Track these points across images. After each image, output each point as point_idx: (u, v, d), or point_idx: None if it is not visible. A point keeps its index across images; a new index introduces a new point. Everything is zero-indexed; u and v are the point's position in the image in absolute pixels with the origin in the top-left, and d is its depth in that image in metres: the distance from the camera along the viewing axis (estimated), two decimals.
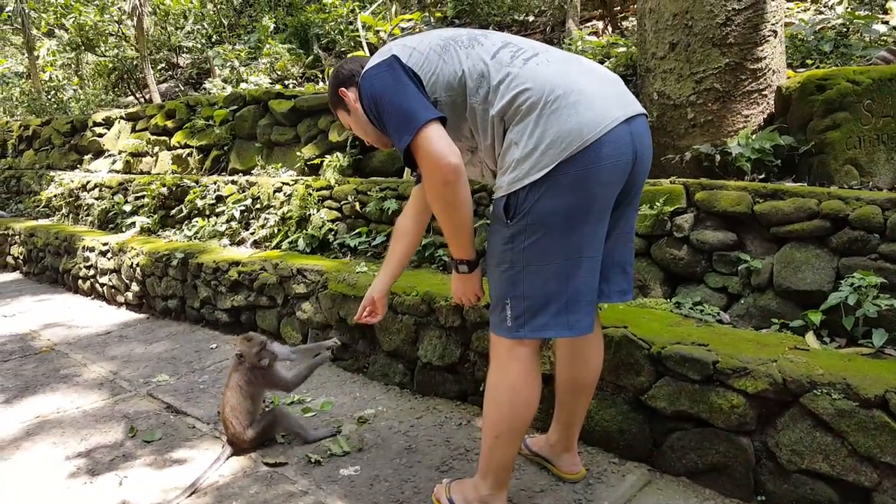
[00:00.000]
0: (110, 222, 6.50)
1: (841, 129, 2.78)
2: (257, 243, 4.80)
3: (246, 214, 5.05)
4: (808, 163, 2.87)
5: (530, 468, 2.34)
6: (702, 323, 2.49)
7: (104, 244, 5.52)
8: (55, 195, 7.55)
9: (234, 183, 5.28)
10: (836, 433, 1.91)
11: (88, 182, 7.12)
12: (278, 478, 2.40)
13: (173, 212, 5.72)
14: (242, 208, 5.03)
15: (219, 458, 2.51)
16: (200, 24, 10.51)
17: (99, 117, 7.82)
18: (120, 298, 5.34)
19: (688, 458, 2.21)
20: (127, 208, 6.18)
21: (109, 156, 7.44)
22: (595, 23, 6.63)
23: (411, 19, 6.80)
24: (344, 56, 7.20)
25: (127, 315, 5.11)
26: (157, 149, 6.75)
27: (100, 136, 7.76)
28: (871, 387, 1.85)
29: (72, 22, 10.12)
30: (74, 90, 11.64)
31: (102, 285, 5.55)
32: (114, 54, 10.60)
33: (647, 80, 3.34)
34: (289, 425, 2.67)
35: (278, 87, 6.51)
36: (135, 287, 5.10)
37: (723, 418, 2.10)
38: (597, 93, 1.67)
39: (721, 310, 2.64)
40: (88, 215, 6.86)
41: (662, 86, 3.23)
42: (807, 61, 3.59)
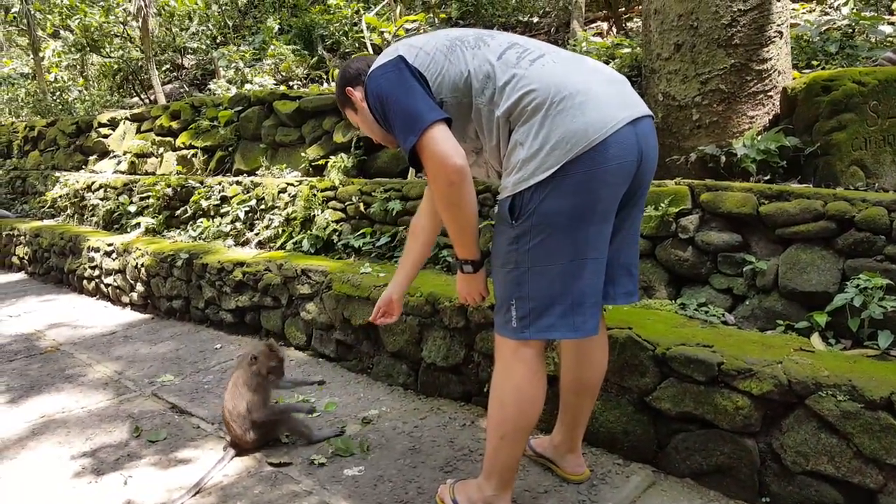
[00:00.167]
0: (115, 223, 6.52)
1: (847, 131, 2.77)
2: (262, 244, 4.81)
3: (250, 215, 5.06)
4: (813, 164, 2.86)
5: (534, 469, 2.33)
6: (707, 324, 2.49)
7: (109, 245, 5.54)
8: (60, 196, 7.58)
9: (238, 184, 5.29)
10: (842, 435, 1.90)
11: (93, 183, 7.14)
12: (282, 478, 2.41)
13: (178, 212, 5.73)
14: (247, 209, 5.04)
15: (223, 458, 2.51)
16: (205, 25, 10.53)
17: (104, 118, 7.85)
18: (125, 299, 5.35)
19: (692, 460, 2.21)
20: (132, 209, 6.20)
21: (114, 156, 7.47)
22: (600, 24, 6.64)
23: (416, 20, 6.81)
24: (348, 57, 7.21)
25: (132, 315, 5.12)
26: (161, 150, 6.77)
27: (105, 136, 7.78)
28: (876, 388, 1.85)
29: (77, 23, 10.16)
30: (79, 91, 11.68)
31: (107, 286, 5.57)
32: (119, 55, 10.65)
33: (651, 81, 3.34)
34: (293, 426, 2.67)
35: (283, 88, 6.52)
36: (139, 287, 5.11)
37: (728, 420, 2.10)
38: (603, 94, 1.67)
39: (726, 311, 2.64)
40: (93, 216, 6.88)
41: (667, 87, 3.22)
42: (812, 62, 3.58)
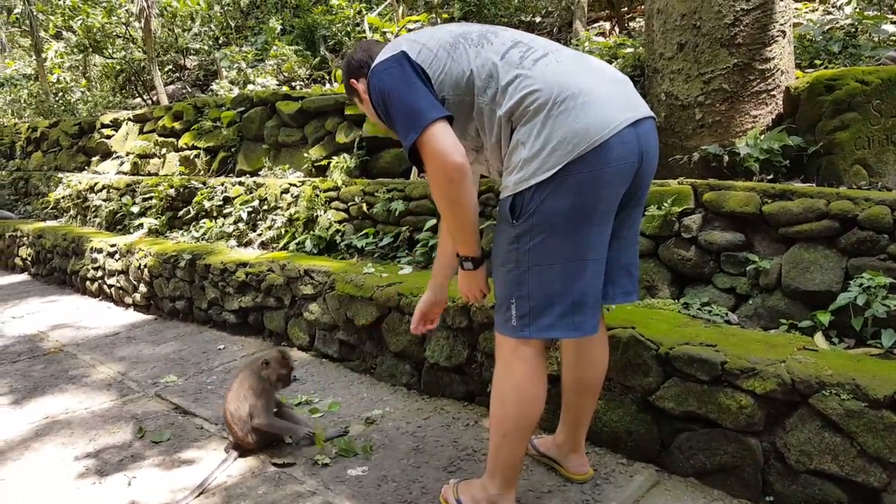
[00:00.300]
0: (118, 224, 6.53)
1: (850, 130, 2.77)
2: (265, 244, 4.81)
3: (253, 216, 5.06)
4: (816, 163, 2.86)
5: (538, 469, 2.33)
6: (710, 323, 2.49)
7: (112, 245, 5.55)
8: (63, 197, 7.59)
9: (241, 184, 5.30)
10: (845, 434, 1.90)
11: (96, 184, 7.15)
12: (286, 478, 2.41)
13: (181, 213, 5.74)
14: (250, 209, 5.05)
15: (227, 459, 2.51)
16: (207, 25, 10.56)
17: (107, 119, 7.87)
18: (128, 300, 5.36)
19: (696, 459, 2.21)
20: (135, 210, 6.21)
21: (117, 157, 7.48)
22: (602, 23, 6.64)
23: (418, 21, 6.81)
24: None
25: (135, 316, 5.13)
26: (164, 150, 6.78)
27: (107, 137, 7.80)
28: (880, 387, 1.85)
29: (79, 24, 10.19)
30: (82, 92, 11.71)
31: (110, 286, 5.58)
32: (121, 56, 10.67)
33: (654, 80, 3.34)
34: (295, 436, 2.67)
35: (285, 88, 6.53)
36: (143, 288, 5.12)
37: (731, 419, 2.09)
38: (605, 94, 1.67)
39: (729, 310, 2.64)
40: (96, 217, 6.90)
41: (670, 86, 3.22)
42: (815, 62, 3.58)
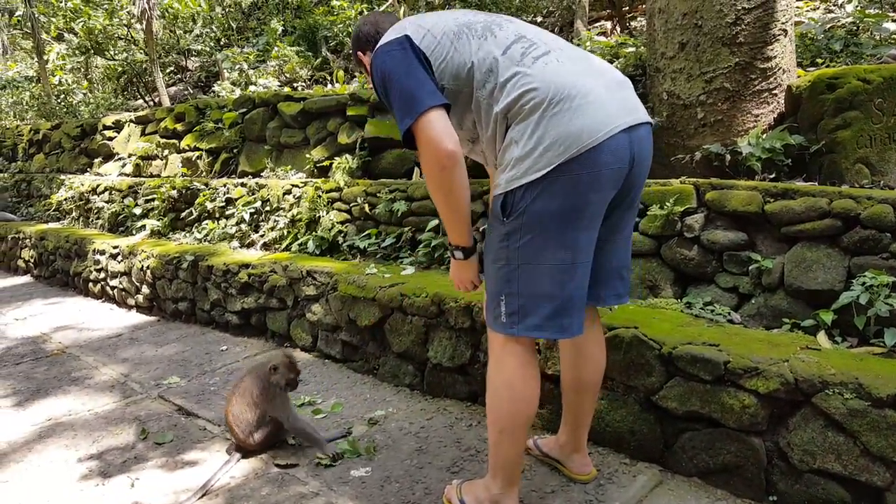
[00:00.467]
0: (120, 225, 6.54)
1: (852, 128, 2.76)
2: (267, 245, 4.82)
3: (255, 217, 5.07)
4: (818, 162, 2.86)
5: (541, 469, 2.33)
6: (712, 323, 2.49)
7: (114, 247, 5.55)
8: (65, 199, 7.61)
9: (243, 185, 5.30)
10: (849, 433, 1.90)
11: (98, 185, 7.17)
12: (289, 479, 2.41)
13: (183, 214, 5.75)
14: (252, 211, 5.05)
15: (230, 460, 2.52)
16: (209, 27, 10.57)
17: (108, 121, 7.87)
18: (130, 301, 5.37)
19: (699, 459, 2.20)
20: (137, 211, 6.22)
21: (119, 159, 7.49)
22: (603, 23, 6.64)
23: None
24: (352, 59, 7.21)
25: (137, 318, 5.14)
26: (166, 152, 6.79)
27: (109, 139, 7.80)
28: (883, 386, 1.84)
29: (81, 26, 10.21)
30: (84, 94, 11.74)
31: (113, 288, 5.58)
32: (123, 58, 10.69)
33: (656, 79, 3.33)
34: (302, 437, 2.67)
35: (287, 89, 6.53)
36: (145, 290, 5.13)
37: (734, 418, 2.09)
38: (602, 97, 1.67)
39: (732, 310, 2.63)
40: (99, 218, 6.91)
41: (672, 86, 3.22)
42: (817, 60, 3.57)
